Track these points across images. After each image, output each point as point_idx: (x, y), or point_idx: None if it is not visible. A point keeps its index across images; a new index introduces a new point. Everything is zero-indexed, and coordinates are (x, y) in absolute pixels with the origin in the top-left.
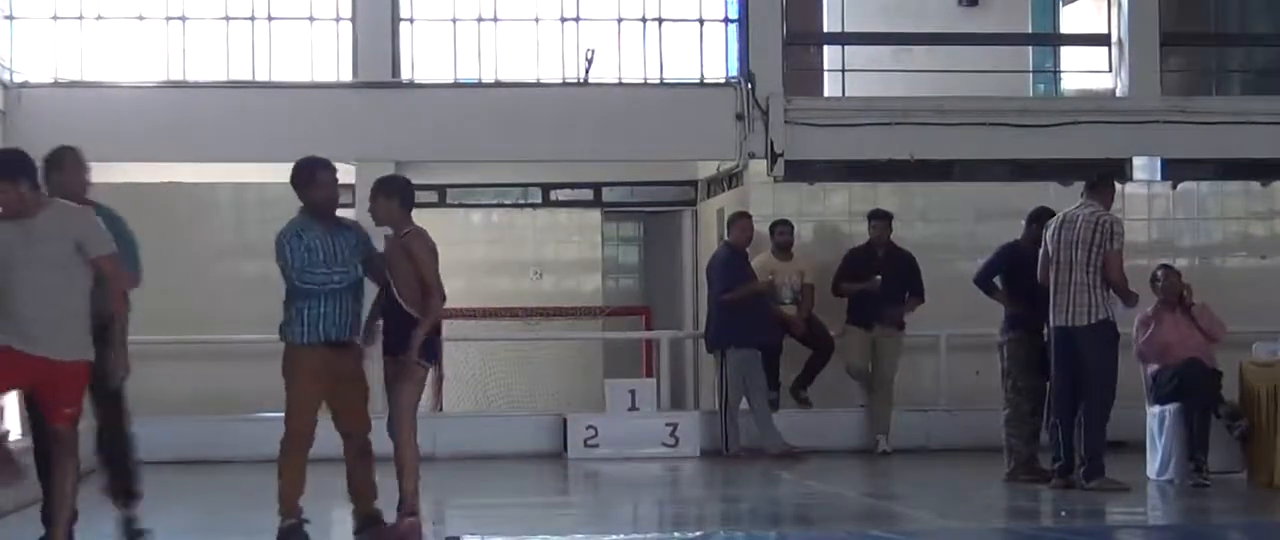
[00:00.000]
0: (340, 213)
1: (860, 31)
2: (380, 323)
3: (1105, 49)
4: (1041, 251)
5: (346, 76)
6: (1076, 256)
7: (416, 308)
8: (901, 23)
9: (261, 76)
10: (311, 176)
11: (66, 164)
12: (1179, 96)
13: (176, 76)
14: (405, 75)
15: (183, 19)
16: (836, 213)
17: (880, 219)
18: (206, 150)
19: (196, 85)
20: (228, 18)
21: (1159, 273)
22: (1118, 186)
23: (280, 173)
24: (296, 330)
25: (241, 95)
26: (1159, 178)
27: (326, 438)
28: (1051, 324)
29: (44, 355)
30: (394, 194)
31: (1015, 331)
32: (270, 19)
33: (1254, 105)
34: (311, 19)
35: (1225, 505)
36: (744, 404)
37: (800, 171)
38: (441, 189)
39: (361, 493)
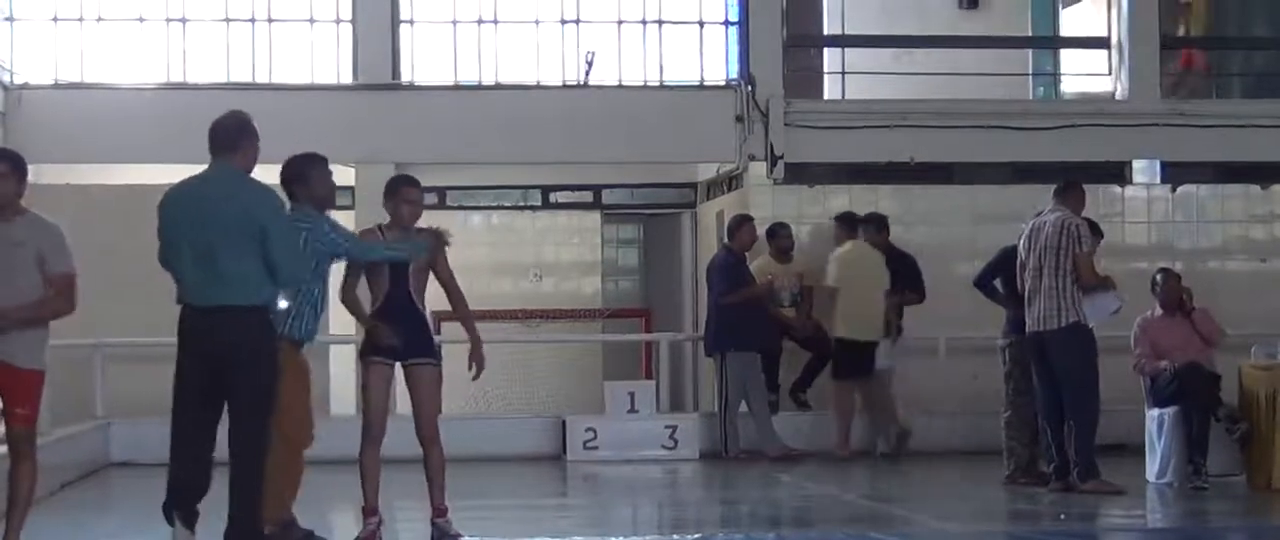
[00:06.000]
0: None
1: (860, 34)
2: None
3: (1105, 52)
4: (1017, 258)
5: (347, 78)
6: (1045, 261)
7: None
8: (901, 25)
9: (262, 78)
10: (323, 171)
11: None
12: (1178, 99)
13: (177, 78)
14: (405, 77)
15: (183, 21)
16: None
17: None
18: (206, 152)
19: (197, 87)
20: (228, 19)
21: (1158, 276)
22: (1117, 190)
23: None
24: (309, 327)
25: (241, 97)
26: (1158, 181)
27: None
28: (1026, 329)
29: (5, 360)
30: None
31: (1016, 334)
32: (270, 21)
33: (1253, 108)
34: (312, 21)
35: (1224, 508)
36: (743, 407)
37: (800, 174)
38: (441, 191)
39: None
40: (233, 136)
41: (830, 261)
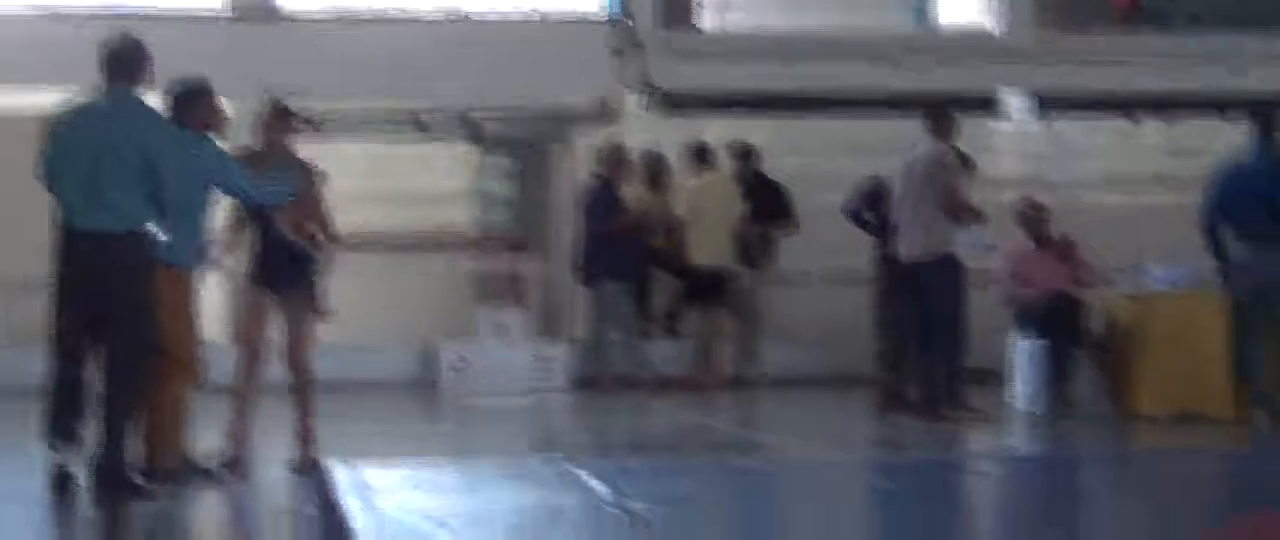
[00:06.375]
0: None
1: None
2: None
3: None
4: (892, 189)
5: (222, 7)
6: (917, 193)
7: (302, 239)
8: None
9: (136, 6)
10: (207, 99)
11: None
12: (1053, 33)
13: (49, 5)
14: (281, 6)
15: None
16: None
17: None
18: (82, 78)
19: (70, 15)
20: None
21: (1024, 208)
22: (990, 123)
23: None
24: (190, 254)
25: (116, 26)
26: (1031, 114)
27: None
28: (900, 259)
29: None
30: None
31: (886, 263)
32: None
33: (1126, 43)
34: None
35: (1089, 435)
36: (616, 335)
37: (677, 104)
38: (315, 119)
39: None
40: (127, 62)
41: (679, 191)
